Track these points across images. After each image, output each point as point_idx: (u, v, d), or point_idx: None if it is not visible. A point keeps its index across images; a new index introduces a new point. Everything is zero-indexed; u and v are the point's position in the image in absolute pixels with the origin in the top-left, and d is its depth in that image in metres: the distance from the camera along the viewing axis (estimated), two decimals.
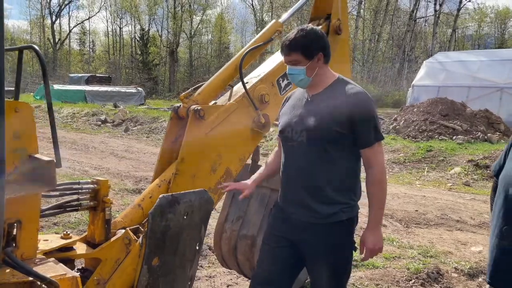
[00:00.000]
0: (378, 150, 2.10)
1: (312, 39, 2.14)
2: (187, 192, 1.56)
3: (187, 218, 1.54)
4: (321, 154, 2.12)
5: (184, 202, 1.51)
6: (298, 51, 2.13)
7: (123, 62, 52.25)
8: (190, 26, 49.59)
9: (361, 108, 2.07)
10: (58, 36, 50.89)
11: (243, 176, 3.49)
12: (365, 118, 2.06)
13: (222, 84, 3.02)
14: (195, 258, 1.66)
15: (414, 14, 39.09)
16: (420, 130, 11.71)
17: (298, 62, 2.16)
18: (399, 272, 3.90)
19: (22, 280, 1.76)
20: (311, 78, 2.19)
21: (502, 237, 1.91)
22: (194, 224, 1.59)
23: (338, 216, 2.14)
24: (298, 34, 2.15)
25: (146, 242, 1.41)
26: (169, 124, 2.91)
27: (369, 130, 2.06)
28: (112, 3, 52.37)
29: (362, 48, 40.59)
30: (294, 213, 2.25)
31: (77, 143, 10.88)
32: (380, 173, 2.10)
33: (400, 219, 5.55)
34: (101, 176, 7.19)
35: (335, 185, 2.14)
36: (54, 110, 10.40)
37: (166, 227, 1.45)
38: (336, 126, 2.06)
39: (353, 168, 2.20)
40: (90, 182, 2.49)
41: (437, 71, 18.53)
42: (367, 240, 2.15)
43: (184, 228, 1.54)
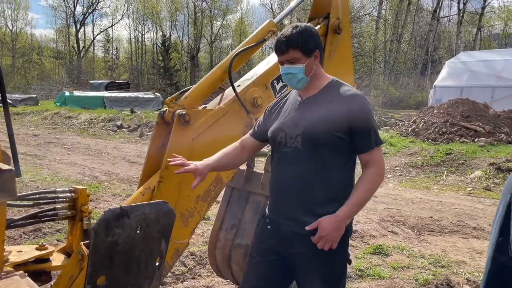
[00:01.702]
0: (378, 155, 1.97)
1: (310, 35, 2.01)
2: (140, 204, 1.44)
3: (140, 232, 1.41)
4: (318, 161, 1.96)
5: (136, 216, 1.39)
6: (297, 48, 1.99)
7: (145, 68, 53.05)
8: (210, 31, 50.00)
9: (360, 111, 1.94)
10: (83, 44, 52.14)
11: (238, 183, 3.38)
12: (365, 122, 1.93)
13: (210, 87, 2.91)
14: (155, 274, 1.53)
15: (437, 14, 38.22)
16: (440, 132, 11.33)
17: (296, 60, 2.00)
18: (406, 284, 3.69)
19: None
20: (309, 78, 2.04)
21: (497, 249, 1.74)
22: (151, 238, 1.46)
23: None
24: (294, 30, 2.00)
25: (89, 260, 1.29)
26: (155, 129, 2.82)
27: (369, 134, 1.93)
28: (134, 11, 53.39)
29: (384, 49, 39.94)
30: (284, 225, 2.10)
31: (91, 148, 10.98)
32: (376, 174, 1.95)
33: (413, 226, 5.30)
34: (110, 181, 7.19)
35: (330, 196, 1.99)
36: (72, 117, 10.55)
37: (112, 243, 1.33)
38: (335, 130, 1.92)
39: (349, 178, 2.05)
40: (68, 190, 2.42)
41: (460, 71, 18.01)
42: (322, 224, 1.92)
43: (137, 244, 1.41)
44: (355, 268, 3.94)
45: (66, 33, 52.76)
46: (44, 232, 4.57)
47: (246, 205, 3.29)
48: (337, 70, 3.47)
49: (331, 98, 2.00)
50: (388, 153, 9.91)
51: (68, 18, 51.64)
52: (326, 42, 3.34)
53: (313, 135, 1.95)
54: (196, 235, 4.68)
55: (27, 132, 14.43)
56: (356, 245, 4.58)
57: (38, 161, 9.08)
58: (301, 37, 1.98)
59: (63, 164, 8.85)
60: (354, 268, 3.93)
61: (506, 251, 1.70)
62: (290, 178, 2.05)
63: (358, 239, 4.74)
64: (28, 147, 11.15)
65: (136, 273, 1.47)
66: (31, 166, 8.35)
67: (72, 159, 9.50)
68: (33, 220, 2.27)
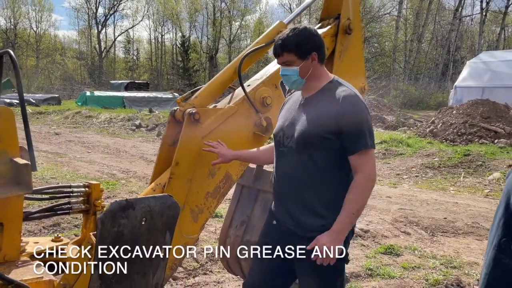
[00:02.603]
0: (366, 158, 1.93)
1: (306, 37, 2.04)
2: (145, 197, 1.52)
3: (145, 224, 1.49)
4: (310, 161, 2.00)
5: (141, 208, 1.46)
6: (291, 51, 2.04)
7: (164, 68, 53.67)
8: (229, 32, 50.23)
9: (349, 112, 1.94)
10: (104, 44, 53.08)
11: (248, 180, 3.45)
12: (352, 123, 1.92)
13: (220, 87, 2.97)
14: (160, 264, 1.61)
15: (459, 13, 37.53)
16: (459, 133, 11.16)
17: (291, 63, 2.06)
18: (416, 283, 3.69)
19: None
20: (305, 79, 2.09)
21: (500, 250, 1.73)
22: (155, 229, 1.54)
23: (325, 230, 1.97)
24: (290, 33, 2.05)
25: (95, 249, 1.38)
26: (167, 127, 2.89)
27: (357, 136, 1.91)
28: (154, 12, 54.07)
29: (404, 49, 39.42)
30: (283, 221, 2.16)
31: (110, 147, 11.22)
32: (365, 180, 1.92)
33: (426, 226, 5.27)
34: (127, 179, 7.35)
35: (323, 197, 2.01)
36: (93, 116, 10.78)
37: (118, 233, 1.41)
38: (323, 131, 1.95)
39: (345, 179, 2.01)
40: (82, 185, 2.53)
41: (481, 71, 17.67)
42: (320, 241, 1.92)
43: (142, 234, 1.49)
44: (365, 267, 3.96)
45: (88, 34, 53.85)
46: (62, 227, 4.73)
47: (256, 203, 3.35)
48: (348, 70, 3.51)
49: (326, 99, 2.03)
50: (404, 154, 9.83)
51: (90, 19, 52.71)
52: (336, 42, 3.37)
53: (304, 136, 2.00)
54: (209, 232, 4.77)
55: (49, 131, 14.82)
56: (367, 244, 4.60)
57: (59, 158, 9.34)
58: (296, 40, 2.02)
59: (83, 162, 9.09)
60: (364, 267, 3.95)
61: (510, 252, 1.69)
62: (284, 177, 2.12)
63: (370, 239, 4.75)
64: (50, 145, 11.46)
65: (141, 262, 1.55)
66: (52, 164, 8.60)
67: (91, 157, 9.74)
68: (49, 213, 2.38)
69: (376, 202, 6.34)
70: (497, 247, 1.75)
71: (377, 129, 14.84)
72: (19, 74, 1.75)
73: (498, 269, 1.72)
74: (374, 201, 6.34)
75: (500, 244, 1.73)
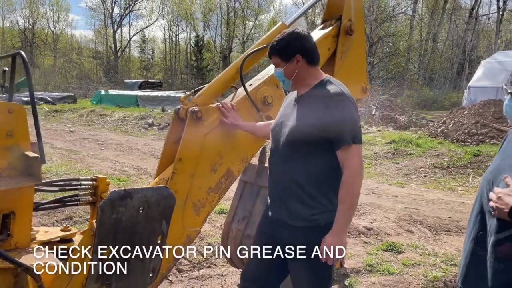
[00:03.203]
0: (352, 153, 2.02)
1: (289, 41, 2.18)
2: (143, 188, 1.65)
3: (142, 212, 1.61)
4: (300, 157, 2.12)
5: (138, 198, 1.59)
6: (276, 54, 2.22)
7: (178, 67, 54.13)
8: (243, 31, 50.43)
9: (335, 109, 2.04)
10: (119, 44, 53.78)
11: (250, 177, 3.57)
12: (338, 119, 2.02)
13: (223, 86, 3.08)
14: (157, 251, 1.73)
15: (475, 12, 37.03)
16: (470, 133, 11.10)
17: (277, 65, 2.24)
18: (415, 280, 3.76)
19: (8, 266, 1.93)
20: (291, 80, 2.22)
21: (477, 242, 1.83)
22: (152, 218, 1.67)
23: (315, 221, 2.10)
24: (279, 37, 2.22)
25: (96, 233, 1.51)
26: (171, 125, 3.02)
27: (342, 131, 2.01)
28: (169, 12, 54.58)
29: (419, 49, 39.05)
30: (275, 211, 2.28)
31: (122, 144, 11.46)
32: (351, 176, 2.02)
33: (430, 225, 5.32)
34: (138, 176, 7.54)
35: (313, 189, 2.12)
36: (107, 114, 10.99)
37: (117, 219, 1.54)
38: (311, 127, 2.06)
39: (333, 172, 2.10)
40: (90, 178, 2.67)
41: (496, 71, 17.45)
42: (326, 242, 2.04)
43: (139, 222, 1.62)
44: (365, 263, 4.04)
45: (104, 34, 54.59)
46: (74, 220, 4.91)
47: (257, 198, 3.46)
48: (350, 70, 3.60)
49: (315, 96, 2.15)
50: (414, 154, 9.83)
51: (106, 19, 53.46)
52: (338, 43, 3.47)
53: (294, 132, 2.12)
54: (215, 227, 4.90)
55: (64, 128, 15.17)
56: (369, 242, 4.67)
57: (73, 155, 9.59)
58: (280, 45, 2.18)
59: (96, 158, 9.33)
60: (364, 263, 4.03)
61: (485, 244, 1.78)
62: (277, 170, 2.26)
63: (373, 237, 4.82)
64: (65, 142, 11.76)
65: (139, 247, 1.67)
66: (66, 160, 8.85)
67: (104, 154, 9.98)
68: (58, 204, 2.52)
69: (382, 201, 6.40)
70: (474, 240, 1.85)
71: (388, 129, 14.82)
72: (29, 73, 1.89)
73: (474, 260, 1.81)
74: (380, 200, 6.40)
75: (477, 237, 1.83)
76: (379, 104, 18.93)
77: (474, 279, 1.78)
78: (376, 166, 9.31)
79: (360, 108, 16.92)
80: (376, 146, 10.67)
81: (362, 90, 3.77)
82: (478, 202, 1.85)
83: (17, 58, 2.13)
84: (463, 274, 1.86)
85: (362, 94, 3.81)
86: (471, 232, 1.86)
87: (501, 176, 1.72)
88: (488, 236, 1.77)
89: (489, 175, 1.83)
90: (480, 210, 1.83)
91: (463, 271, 1.86)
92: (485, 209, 1.79)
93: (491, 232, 1.75)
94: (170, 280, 3.72)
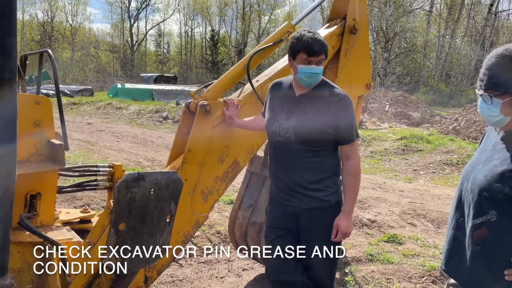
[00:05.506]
0: (356, 146, 2.37)
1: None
2: (154, 171, 1.85)
3: (153, 193, 1.82)
4: (308, 150, 2.35)
5: (150, 180, 1.80)
6: (324, 51, 2.30)
7: (194, 62, 54.52)
8: (258, 26, 50.49)
9: (345, 111, 2.31)
10: (136, 38, 54.40)
11: (257, 168, 3.78)
12: (348, 119, 2.31)
13: (231, 82, 3.28)
14: (166, 228, 1.95)
15: (495, 8, 36.41)
16: (482, 131, 11.09)
17: (321, 62, 2.32)
18: (413, 269, 3.93)
19: (35, 240, 2.17)
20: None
21: (457, 228, 1.99)
22: (162, 199, 1.86)
23: (326, 202, 2.37)
24: (317, 35, 2.31)
25: (113, 209, 1.73)
26: (182, 118, 3.24)
27: (351, 129, 2.31)
28: (185, 6, 54.94)
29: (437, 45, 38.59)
30: (285, 200, 2.46)
31: (137, 137, 11.79)
32: (357, 165, 2.35)
33: (433, 219, 5.45)
34: (152, 167, 7.81)
35: (319, 176, 2.37)
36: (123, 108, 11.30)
37: (131, 199, 1.75)
38: (324, 127, 2.29)
39: (335, 160, 2.43)
40: (107, 165, 2.92)
41: None
42: (340, 224, 2.34)
43: (151, 202, 1.82)
44: (366, 253, 4.21)
45: (121, 27, 55.27)
46: (92, 207, 5.19)
47: (262, 188, 3.68)
48: (354, 67, 3.78)
49: (322, 97, 2.35)
50: (424, 150, 9.91)
51: (123, 13, 54.08)
52: (342, 41, 3.64)
53: (306, 129, 2.32)
54: (223, 216, 5.12)
55: (82, 120, 15.60)
56: (372, 233, 4.84)
57: (90, 146, 9.94)
58: (324, 44, 2.31)
59: (112, 150, 9.66)
60: (365, 253, 4.21)
61: (465, 230, 1.96)
62: (283, 162, 2.45)
63: (376, 229, 4.99)
64: (82, 134, 12.14)
65: (150, 224, 1.89)
66: (84, 151, 9.19)
67: (120, 146, 10.31)
68: (79, 188, 2.78)
69: (388, 195, 6.54)
70: (455, 226, 2.02)
71: (401, 125, 14.85)
72: (55, 69, 2.12)
73: (455, 245, 1.98)
74: (386, 194, 6.55)
75: (458, 223, 2.00)
76: (393, 100, 18.90)
77: (456, 261, 1.95)
78: (385, 162, 9.43)
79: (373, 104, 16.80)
80: (386, 142, 10.75)
81: (366, 87, 3.95)
82: (458, 192, 2.02)
83: (44, 55, 2.37)
84: (446, 257, 2.02)
85: (366, 90, 3.99)
86: (452, 219, 2.03)
87: (478, 167, 1.89)
88: (466, 223, 1.94)
89: (469, 166, 2.00)
90: (460, 198, 2.00)
91: (446, 255, 2.03)
92: (463, 197, 1.96)
93: (469, 218, 1.92)
94: (180, 264, 3.95)
